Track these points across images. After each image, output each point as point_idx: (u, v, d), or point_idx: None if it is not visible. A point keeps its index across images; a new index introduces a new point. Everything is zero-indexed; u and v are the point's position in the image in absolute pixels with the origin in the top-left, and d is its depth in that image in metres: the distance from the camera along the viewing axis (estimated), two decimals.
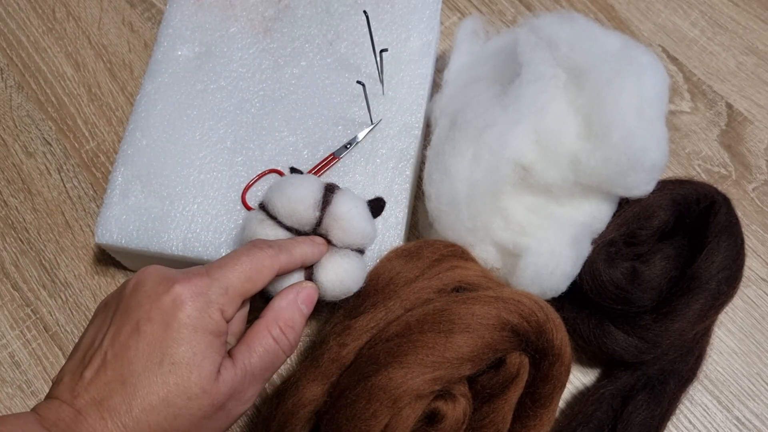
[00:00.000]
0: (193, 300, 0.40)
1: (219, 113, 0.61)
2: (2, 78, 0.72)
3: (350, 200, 0.49)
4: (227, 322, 0.41)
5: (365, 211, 0.50)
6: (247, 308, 0.46)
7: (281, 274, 0.46)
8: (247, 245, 0.45)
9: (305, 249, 0.47)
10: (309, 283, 0.47)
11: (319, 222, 0.49)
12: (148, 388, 0.37)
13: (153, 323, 0.39)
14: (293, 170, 0.57)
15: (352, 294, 0.50)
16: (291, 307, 0.45)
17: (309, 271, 0.48)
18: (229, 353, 0.42)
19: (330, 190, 0.49)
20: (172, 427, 0.38)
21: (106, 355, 0.38)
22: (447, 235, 0.54)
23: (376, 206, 0.53)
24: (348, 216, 0.48)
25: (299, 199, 0.48)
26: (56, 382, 0.40)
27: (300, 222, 0.49)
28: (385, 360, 0.46)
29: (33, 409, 0.38)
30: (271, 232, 0.49)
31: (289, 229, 0.49)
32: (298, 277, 0.48)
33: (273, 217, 0.49)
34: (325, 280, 0.48)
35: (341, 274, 0.48)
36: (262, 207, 0.50)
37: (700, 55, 0.71)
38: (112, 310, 0.41)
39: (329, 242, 0.49)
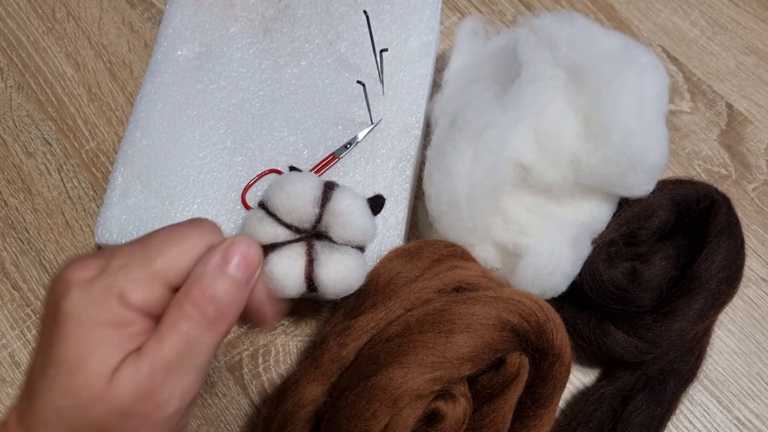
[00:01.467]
0: (81, 286, 0.33)
1: (219, 113, 0.61)
2: (2, 78, 0.72)
3: (350, 196, 0.49)
4: (141, 308, 0.34)
5: (365, 208, 0.50)
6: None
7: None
8: (181, 223, 0.37)
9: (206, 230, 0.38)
10: (243, 239, 0.36)
11: (319, 219, 0.49)
12: (40, 399, 0.33)
13: (44, 321, 0.34)
14: (292, 169, 0.57)
15: (352, 292, 0.50)
16: (212, 274, 0.34)
17: (309, 268, 0.48)
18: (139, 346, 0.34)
19: (330, 187, 0.49)
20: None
21: (29, 366, 0.35)
22: (447, 235, 0.54)
23: (376, 203, 0.53)
24: (348, 212, 0.48)
25: (298, 196, 0.48)
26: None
27: (299, 219, 0.48)
28: (385, 360, 0.46)
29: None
30: (270, 229, 0.49)
31: (288, 226, 0.49)
32: (299, 275, 0.48)
33: (272, 215, 0.49)
34: (326, 277, 0.48)
35: (342, 272, 0.48)
36: (262, 205, 0.50)
37: (700, 55, 0.71)
38: None
39: (330, 240, 0.49)
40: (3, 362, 0.61)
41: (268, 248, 0.48)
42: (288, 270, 0.47)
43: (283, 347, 0.60)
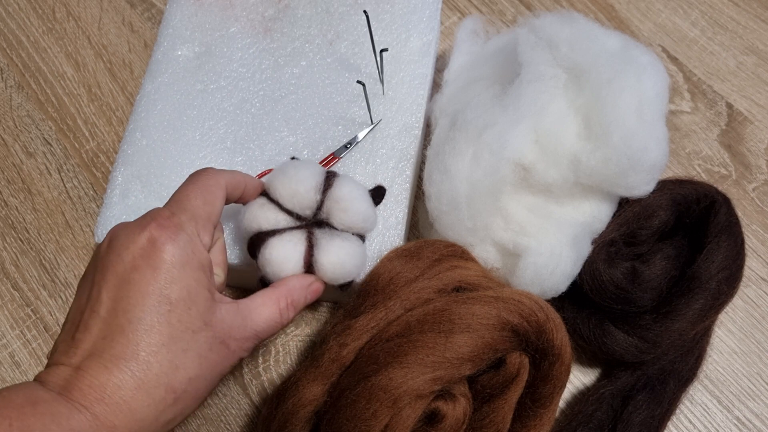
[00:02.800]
0: (172, 239, 0.40)
1: (219, 113, 0.61)
2: (2, 78, 0.72)
3: (352, 183, 0.50)
4: (208, 251, 0.43)
5: (367, 195, 0.50)
6: (222, 238, 0.48)
7: (271, 238, 0.48)
8: (188, 177, 0.46)
9: (240, 173, 0.48)
10: (319, 282, 0.49)
11: (320, 206, 0.49)
12: (151, 330, 0.38)
13: (140, 270, 0.39)
14: (294, 159, 0.57)
15: (351, 279, 0.50)
16: (302, 290, 0.47)
17: (310, 252, 0.48)
18: (235, 301, 0.43)
19: (332, 174, 0.50)
20: (182, 363, 0.39)
21: (98, 312, 0.38)
22: (447, 235, 0.54)
23: (378, 194, 0.53)
24: (349, 197, 0.49)
25: (301, 181, 0.48)
26: (51, 353, 0.40)
27: (301, 205, 0.49)
28: (385, 360, 0.46)
29: (35, 378, 0.39)
30: (272, 216, 0.49)
31: (289, 213, 0.49)
32: (298, 259, 0.48)
33: (274, 201, 0.49)
34: (327, 261, 0.48)
35: (343, 257, 0.48)
36: (263, 193, 0.50)
37: (700, 55, 0.71)
38: (91, 275, 0.41)
39: (330, 227, 0.49)
40: (3, 362, 0.61)
41: (269, 234, 0.48)
42: (288, 254, 0.48)
43: (283, 347, 0.60)
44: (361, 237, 0.51)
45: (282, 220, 0.49)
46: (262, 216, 0.49)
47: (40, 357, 0.61)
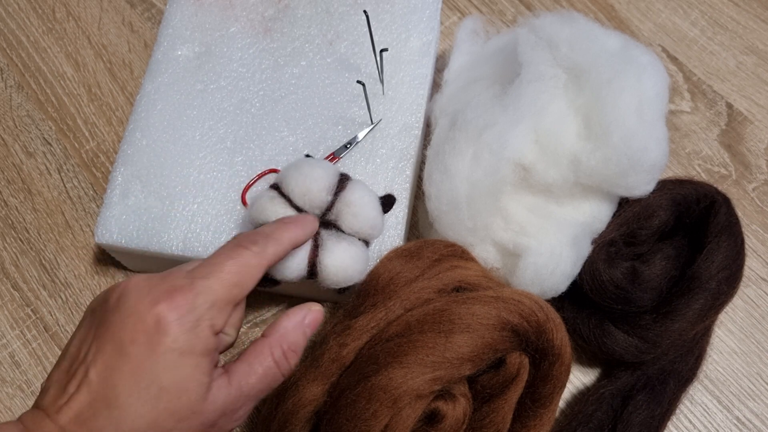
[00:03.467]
0: (179, 323, 0.38)
1: (219, 113, 0.61)
2: (2, 78, 0.72)
3: (364, 188, 0.50)
4: (218, 333, 0.40)
5: (377, 203, 0.50)
6: (242, 305, 0.44)
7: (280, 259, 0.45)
8: (231, 243, 0.43)
9: (295, 233, 0.45)
10: (317, 306, 0.45)
11: (330, 207, 0.49)
12: (135, 412, 0.37)
13: (138, 345, 0.37)
14: (308, 156, 0.57)
15: (350, 284, 0.50)
16: (297, 330, 0.43)
17: (314, 253, 0.48)
18: (226, 368, 0.41)
19: (345, 177, 0.50)
20: None
21: (89, 372, 0.37)
22: (447, 235, 0.54)
23: (387, 202, 0.53)
24: (361, 202, 0.49)
25: (315, 179, 0.48)
26: (43, 391, 0.39)
27: (312, 203, 0.48)
28: (385, 360, 0.46)
29: (19, 418, 0.38)
30: (281, 210, 0.48)
31: (299, 210, 0.49)
32: (303, 257, 0.48)
33: (285, 196, 0.49)
34: (330, 263, 0.48)
35: (346, 260, 0.48)
36: (275, 186, 0.50)
37: (700, 54, 0.71)
38: (96, 320, 0.40)
39: (338, 229, 0.49)
40: (3, 362, 0.61)
41: None
42: (292, 252, 0.47)
43: None
44: (366, 243, 0.51)
45: (291, 215, 0.49)
46: (271, 209, 0.49)
47: (40, 357, 0.61)
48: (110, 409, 0.37)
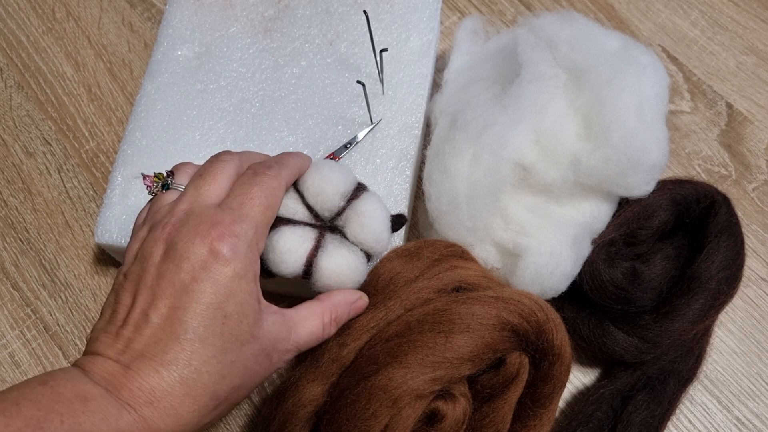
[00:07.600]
0: (233, 251, 0.40)
1: (219, 113, 0.61)
2: (2, 78, 0.72)
3: (378, 202, 0.50)
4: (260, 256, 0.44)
5: (387, 218, 0.50)
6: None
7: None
8: (248, 173, 0.45)
9: (297, 160, 0.48)
10: (367, 297, 0.49)
11: (341, 212, 0.49)
12: (205, 341, 0.39)
13: (200, 282, 0.39)
14: (331, 160, 0.57)
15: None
16: (346, 306, 0.47)
17: (313, 253, 0.48)
18: (279, 309, 0.44)
19: (362, 187, 0.50)
20: (228, 374, 0.40)
21: (149, 315, 0.39)
22: (447, 235, 0.54)
23: (397, 221, 0.53)
24: (371, 215, 0.49)
25: (332, 182, 0.48)
26: (92, 340, 0.40)
27: (323, 205, 0.49)
28: (385, 360, 0.46)
29: (75, 364, 0.39)
30: (292, 204, 0.49)
31: (309, 208, 0.49)
32: (301, 255, 0.47)
33: (299, 192, 0.49)
34: (325, 266, 0.48)
35: (342, 266, 0.48)
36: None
37: (700, 54, 0.71)
38: (140, 277, 0.41)
39: (342, 236, 0.49)
40: (3, 362, 0.61)
41: (283, 221, 0.48)
42: (293, 246, 0.47)
43: None
44: (368, 256, 0.51)
45: (300, 212, 0.49)
46: (283, 201, 0.49)
47: (40, 357, 0.61)
48: (179, 341, 0.38)
